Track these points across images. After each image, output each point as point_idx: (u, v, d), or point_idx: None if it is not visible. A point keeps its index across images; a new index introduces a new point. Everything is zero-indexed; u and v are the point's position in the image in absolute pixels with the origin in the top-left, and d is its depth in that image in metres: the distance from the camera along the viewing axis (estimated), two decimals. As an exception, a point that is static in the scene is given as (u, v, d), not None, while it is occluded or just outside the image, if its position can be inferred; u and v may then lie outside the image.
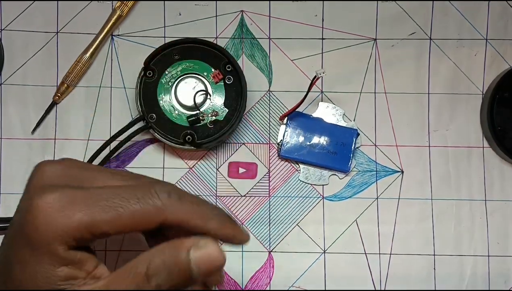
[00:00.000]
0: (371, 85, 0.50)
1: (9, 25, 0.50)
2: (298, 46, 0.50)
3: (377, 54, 0.50)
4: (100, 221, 0.30)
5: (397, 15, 0.50)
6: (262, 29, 0.50)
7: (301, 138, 0.49)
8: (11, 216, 0.48)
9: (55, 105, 0.50)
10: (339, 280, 0.49)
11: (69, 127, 0.50)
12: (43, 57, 0.50)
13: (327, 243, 0.49)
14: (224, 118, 0.47)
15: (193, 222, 0.32)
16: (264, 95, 0.50)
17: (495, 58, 0.50)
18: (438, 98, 0.50)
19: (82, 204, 0.30)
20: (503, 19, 0.50)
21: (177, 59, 0.47)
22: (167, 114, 0.47)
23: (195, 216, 0.32)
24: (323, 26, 0.50)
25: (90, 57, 0.49)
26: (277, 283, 0.49)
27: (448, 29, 0.50)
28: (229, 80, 0.47)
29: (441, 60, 0.50)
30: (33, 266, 0.30)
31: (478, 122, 0.50)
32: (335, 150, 0.48)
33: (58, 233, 0.30)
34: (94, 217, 0.30)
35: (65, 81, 0.49)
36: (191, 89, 0.47)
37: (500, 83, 0.48)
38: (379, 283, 0.49)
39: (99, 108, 0.50)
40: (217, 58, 0.47)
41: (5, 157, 0.49)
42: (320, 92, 0.50)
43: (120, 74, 0.50)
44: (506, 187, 0.50)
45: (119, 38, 0.50)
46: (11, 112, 0.50)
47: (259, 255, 0.49)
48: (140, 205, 0.31)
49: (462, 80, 0.50)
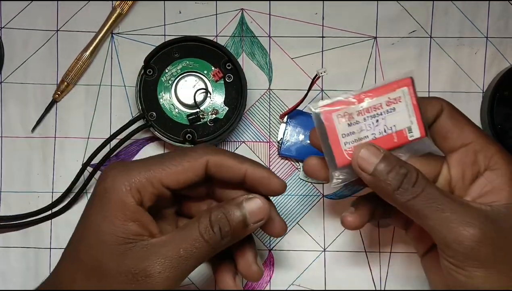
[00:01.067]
0: (371, 83, 0.50)
1: (9, 23, 0.50)
2: (298, 45, 0.50)
3: (378, 52, 0.50)
4: (157, 172, 0.37)
5: (397, 13, 0.50)
6: (262, 27, 0.50)
7: (301, 136, 0.49)
8: (12, 214, 0.49)
9: (55, 103, 0.50)
10: (339, 278, 0.49)
11: (69, 126, 0.50)
12: (43, 55, 0.50)
13: (327, 241, 0.49)
14: (224, 117, 0.47)
15: (230, 161, 0.38)
16: (264, 94, 0.50)
17: (496, 57, 0.50)
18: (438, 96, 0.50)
19: (140, 165, 0.37)
20: (503, 18, 0.50)
21: (177, 57, 0.47)
22: (167, 112, 0.47)
23: (231, 157, 0.38)
24: (323, 25, 0.50)
25: (90, 56, 0.49)
26: (277, 281, 0.49)
27: (449, 27, 0.50)
28: (229, 78, 0.47)
29: (441, 58, 0.50)
30: (108, 226, 0.35)
31: (478, 121, 0.50)
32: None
33: (125, 185, 0.36)
34: (152, 169, 0.37)
35: (65, 80, 0.49)
36: (191, 88, 0.47)
37: (501, 81, 0.48)
38: (379, 281, 0.49)
39: (99, 106, 0.50)
40: (217, 56, 0.47)
41: (5, 155, 0.49)
42: (321, 90, 0.50)
43: (120, 73, 0.50)
44: (506, 185, 0.49)
45: (119, 36, 0.50)
46: (11, 110, 0.50)
47: (259, 253, 0.49)
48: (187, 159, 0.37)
49: (462, 78, 0.50)
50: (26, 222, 0.49)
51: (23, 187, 0.49)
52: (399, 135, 0.38)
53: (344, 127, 0.37)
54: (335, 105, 0.37)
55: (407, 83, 0.37)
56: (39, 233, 0.49)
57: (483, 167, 0.38)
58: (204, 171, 0.38)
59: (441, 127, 0.39)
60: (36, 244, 0.49)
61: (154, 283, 0.35)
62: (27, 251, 0.49)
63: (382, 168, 0.36)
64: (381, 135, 0.37)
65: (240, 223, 0.37)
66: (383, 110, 0.37)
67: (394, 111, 0.37)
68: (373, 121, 0.38)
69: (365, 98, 0.37)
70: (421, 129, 0.37)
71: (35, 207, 0.49)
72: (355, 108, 0.37)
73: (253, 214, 0.37)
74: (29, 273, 0.49)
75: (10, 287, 0.49)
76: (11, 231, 0.49)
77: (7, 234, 0.49)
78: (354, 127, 0.37)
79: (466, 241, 0.34)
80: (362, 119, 0.37)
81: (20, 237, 0.49)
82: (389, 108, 0.38)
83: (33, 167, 0.49)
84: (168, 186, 0.37)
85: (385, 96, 0.37)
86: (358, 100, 0.37)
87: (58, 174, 0.49)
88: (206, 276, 0.49)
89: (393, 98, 0.37)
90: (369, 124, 0.37)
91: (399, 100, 0.38)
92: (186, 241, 0.36)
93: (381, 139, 0.37)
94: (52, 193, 0.49)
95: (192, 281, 0.49)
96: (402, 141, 0.37)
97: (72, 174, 0.48)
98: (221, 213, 0.36)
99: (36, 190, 0.49)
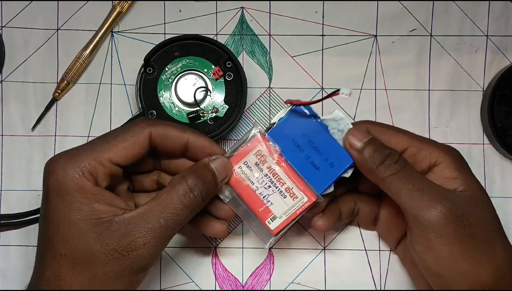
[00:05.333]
0: (372, 82, 0.50)
1: (10, 22, 0.50)
2: (298, 43, 0.50)
3: (378, 50, 0.50)
4: (105, 152, 0.37)
5: (397, 11, 0.50)
6: (263, 25, 0.50)
7: (295, 133, 0.42)
8: (12, 212, 0.49)
9: (55, 102, 0.50)
10: (339, 277, 0.49)
11: (69, 124, 0.50)
12: (43, 54, 0.50)
13: (327, 240, 0.49)
14: (224, 115, 0.47)
15: (172, 131, 0.40)
16: (264, 92, 0.50)
17: (496, 55, 0.50)
18: (438, 95, 0.50)
19: (86, 149, 0.38)
20: (503, 16, 0.50)
21: (177, 55, 0.47)
22: (167, 111, 0.47)
23: (173, 127, 0.40)
24: (324, 23, 0.50)
25: (90, 54, 0.49)
26: (277, 279, 0.49)
27: (449, 25, 0.50)
28: (229, 77, 0.47)
29: (441, 56, 0.50)
30: (76, 213, 0.36)
31: (478, 119, 0.50)
32: (320, 165, 0.41)
33: (76, 171, 0.36)
34: (98, 150, 0.37)
35: (65, 78, 0.49)
36: (191, 86, 0.47)
37: (501, 80, 0.48)
38: (379, 279, 0.49)
39: (99, 105, 0.50)
40: (217, 54, 0.47)
41: (5, 154, 0.50)
42: (321, 89, 0.50)
43: (120, 71, 0.50)
44: (506, 183, 0.49)
45: (119, 35, 0.50)
46: (11, 109, 0.50)
47: (259, 251, 0.49)
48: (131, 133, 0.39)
49: (462, 77, 0.50)
50: (27, 220, 0.49)
51: (24, 185, 0.49)
52: (264, 211, 0.41)
53: (251, 160, 0.41)
54: (266, 144, 0.41)
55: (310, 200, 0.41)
56: (40, 231, 0.49)
57: (427, 165, 0.41)
58: (148, 142, 0.39)
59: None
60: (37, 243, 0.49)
61: (141, 254, 0.36)
62: (28, 250, 0.49)
63: (369, 146, 0.40)
64: (259, 195, 0.41)
65: (212, 182, 0.39)
66: (280, 188, 0.41)
67: (283, 198, 0.41)
68: (267, 183, 0.41)
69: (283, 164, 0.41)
70: (278, 228, 0.41)
71: (35, 205, 0.49)
72: (271, 162, 0.41)
73: (220, 172, 0.40)
74: (30, 272, 0.48)
75: (10, 286, 0.49)
76: (11, 230, 0.49)
77: (8, 232, 0.49)
78: (255, 169, 0.41)
79: (435, 217, 0.37)
80: (265, 173, 0.41)
81: (20, 235, 0.49)
82: (284, 192, 0.41)
83: (33, 165, 0.49)
84: (118, 163, 0.38)
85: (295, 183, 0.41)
86: (279, 162, 0.41)
87: (58, 172, 0.49)
88: (207, 275, 0.49)
89: (298, 193, 0.41)
90: (264, 181, 0.41)
91: (296, 197, 0.41)
92: (165, 210, 0.37)
93: (255, 196, 0.41)
94: (52, 191, 0.49)
95: (192, 280, 0.49)
96: (260, 216, 0.41)
97: (72, 172, 0.48)
98: (197, 177, 0.38)
99: (36, 189, 0.49)
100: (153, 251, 0.36)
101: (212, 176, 0.39)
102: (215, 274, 0.49)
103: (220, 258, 0.49)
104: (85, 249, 0.36)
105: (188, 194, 0.37)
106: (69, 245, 0.36)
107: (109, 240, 0.36)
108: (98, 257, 0.36)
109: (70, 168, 0.37)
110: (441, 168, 0.40)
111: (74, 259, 0.36)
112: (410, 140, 0.41)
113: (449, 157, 0.40)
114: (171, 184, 0.38)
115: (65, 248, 0.36)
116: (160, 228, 0.36)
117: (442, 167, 0.40)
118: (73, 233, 0.36)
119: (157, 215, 0.37)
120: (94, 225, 0.36)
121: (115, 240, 0.36)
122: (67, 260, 0.36)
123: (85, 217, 0.36)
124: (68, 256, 0.36)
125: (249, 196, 0.41)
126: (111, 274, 0.36)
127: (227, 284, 0.49)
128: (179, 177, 0.38)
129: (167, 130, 0.40)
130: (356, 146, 0.40)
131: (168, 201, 0.37)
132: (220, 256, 0.49)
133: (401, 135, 0.42)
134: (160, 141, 0.40)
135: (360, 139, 0.40)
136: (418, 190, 0.38)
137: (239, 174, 0.41)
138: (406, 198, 0.38)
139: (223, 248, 0.49)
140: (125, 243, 0.36)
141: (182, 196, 0.37)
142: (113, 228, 0.36)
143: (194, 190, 0.38)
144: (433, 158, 0.40)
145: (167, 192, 0.37)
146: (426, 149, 0.41)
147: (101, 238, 0.36)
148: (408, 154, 0.41)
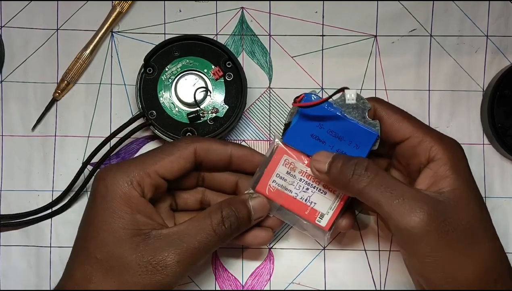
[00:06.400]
0: (372, 82, 0.50)
1: (9, 22, 0.50)
2: (298, 43, 0.50)
3: (378, 51, 0.50)
4: (152, 164, 0.40)
5: (397, 11, 0.50)
6: (263, 26, 0.50)
7: (312, 127, 0.41)
8: (12, 213, 0.49)
9: (55, 102, 0.50)
10: (339, 277, 0.49)
11: (69, 124, 0.50)
12: (43, 54, 0.50)
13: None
14: (224, 115, 0.47)
15: (216, 145, 0.42)
16: (265, 92, 0.50)
17: (496, 55, 0.50)
18: (438, 95, 0.50)
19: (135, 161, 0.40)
20: (503, 16, 0.50)
21: (177, 56, 0.47)
22: (167, 111, 0.47)
23: (216, 141, 0.43)
24: (323, 23, 0.50)
25: (90, 54, 0.49)
26: (277, 279, 0.49)
27: (449, 26, 0.50)
28: (229, 77, 0.47)
29: (441, 57, 0.50)
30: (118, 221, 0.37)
31: (478, 119, 0.50)
32: (346, 150, 0.41)
33: (126, 180, 0.38)
34: (147, 163, 0.40)
35: (65, 78, 0.49)
36: (191, 86, 0.47)
37: (501, 80, 0.48)
38: (379, 279, 0.49)
39: (99, 105, 0.50)
40: (217, 55, 0.47)
41: (5, 154, 0.50)
42: (321, 89, 0.50)
43: (120, 71, 0.50)
44: (506, 184, 0.49)
45: (119, 35, 0.50)
46: (11, 109, 0.50)
47: (259, 251, 0.49)
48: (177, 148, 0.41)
49: (462, 77, 0.50)
50: (27, 220, 0.49)
51: (24, 186, 0.49)
52: (311, 212, 0.43)
53: (282, 171, 0.42)
54: (290, 150, 0.42)
55: None
56: (40, 232, 0.49)
57: (425, 159, 0.40)
58: (194, 156, 0.41)
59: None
60: (37, 243, 0.49)
61: (171, 272, 0.37)
62: (28, 250, 0.49)
63: (334, 164, 0.39)
64: (300, 200, 0.43)
65: (246, 218, 0.41)
66: (318, 186, 0.43)
67: (324, 195, 0.43)
68: (304, 187, 0.43)
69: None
70: (329, 223, 0.43)
71: (35, 206, 0.49)
72: (301, 166, 0.42)
73: (256, 211, 0.42)
74: (30, 272, 0.49)
75: (10, 286, 0.49)
76: (11, 230, 0.49)
77: (8, 232, 0.49)
78: (288, 177, 0.42)
79: (415, 226, 0.36)
80: (299, 178, 0.42)
81: (20, 235, 0.49)
82: (322, 189, 0.43)
83: (33, 165, 0.49)
84: (164, 175, 0.40)
85: None
86: (308, 164, 0.42)
87: (58, 172, 0.49)
88: (207, 275, 0.49)
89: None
90: (300, 185, 0.43)
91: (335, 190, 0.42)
92: (200, 233, 0.39)
93: (298, 202, 0.43)
94: (52, 191, 0.49)
95: (192, 280, 0.49)
96: (309, 218, 0.43)
97: (72, 173, 0.48)
98: (231, 210, 0.40)
99: (36, 189, 0.49)
100: (185, 270, 0.38)
101: (247, 212, 0.41)
102: (215, 274, 0.49)
103: (220, 258, 0.49)
104: (120, 257, 0.36)
105: (220, 224, 0.39)
106: (106, 250, 0.37)
107: (145, 252, 0.37)
108: (131, 266, 0.36)
109: (120, 177, 0.38)
110: (437, 165, 0.39)
111: (107, 264, 0.37)
112: (413, 129, 0.40)
113: (448, 154, 0.39)
114: (208, 211, 0.40)
115: (101, 252, 0.37)
116: (193, 249, 0.38)
117: (438, 163, 0.39)
118: (112, 239, 0.37)
119: (193, 237, 0.38)
120: (132, 235, 0.37)
121: (150, 253, 0.37)
122: (101, 265, 0.37)
123: (125, 226, 0.37)
124: (102, 261, 0.37)
125: (292, 203, 0.43)
126: (140, 286, 0.37)
127: (227, 284, 0.49)
128: (217, 206, 0.40)
129: (210, 144, 0.42)
130: (323, 169, 0.40)
131: (203, 225, 0.39)
132: (220, 256, 0.49)
133: (406, 123, 0.41)
134: (205, 156, 0.42)
135: (324, 161, 0.40)
136: (397, 197, 0.37)
137: (276, 187, 0.43)
138: (386, 207, 0.37)
139: (223, 248, 0.49)
140: (160, 258, 0.37)
141: (215, 224, 0.39)
142: (150, 241, 0.37)
143: (225, 222, 0.39)
144: (432, 153, 0.40)
145: (204, 218, 0.39)
146: (428, 142, 0.40)
147: (137, 249, 0.37)
148: (408, 145, 0.40)
